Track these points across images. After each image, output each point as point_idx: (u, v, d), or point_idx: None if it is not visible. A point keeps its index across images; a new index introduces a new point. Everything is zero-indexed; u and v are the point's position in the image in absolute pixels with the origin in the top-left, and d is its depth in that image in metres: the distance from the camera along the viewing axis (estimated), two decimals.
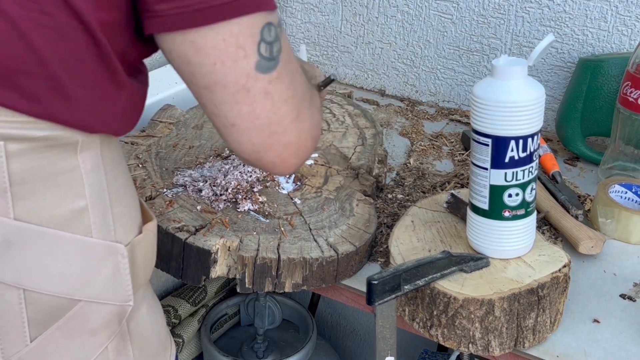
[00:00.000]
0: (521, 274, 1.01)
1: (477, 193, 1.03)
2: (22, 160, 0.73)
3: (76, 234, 0.78)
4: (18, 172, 0.73)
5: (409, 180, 1.39)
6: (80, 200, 0.77)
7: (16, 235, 0.75)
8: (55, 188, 0.76)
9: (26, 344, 0.78)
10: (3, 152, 0.72)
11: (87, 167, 0.77)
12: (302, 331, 1.75)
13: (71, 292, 0.79)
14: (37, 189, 0.75)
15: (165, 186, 1.22)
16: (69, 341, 0.80)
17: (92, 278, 0.80)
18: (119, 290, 0.82)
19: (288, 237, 1.12)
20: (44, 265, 0.77)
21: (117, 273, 0.81)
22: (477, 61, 1.67)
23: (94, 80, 0.74)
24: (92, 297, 0.80)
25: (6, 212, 0.74)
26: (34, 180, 0.74)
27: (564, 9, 1.53)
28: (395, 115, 1.69)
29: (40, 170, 0.74)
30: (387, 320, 0.96)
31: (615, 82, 1.41)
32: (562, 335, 1.04)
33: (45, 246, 0.76)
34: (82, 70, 0.72)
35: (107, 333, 0.82)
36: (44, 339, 0.79)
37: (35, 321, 0.78)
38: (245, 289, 1.09)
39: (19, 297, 0.77)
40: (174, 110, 1.47)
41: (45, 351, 0.79)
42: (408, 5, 1.71)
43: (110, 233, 0.81)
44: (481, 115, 0.98)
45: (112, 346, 0.83)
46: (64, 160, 0.76)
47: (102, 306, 0.81)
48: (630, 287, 1.13)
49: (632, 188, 1.27)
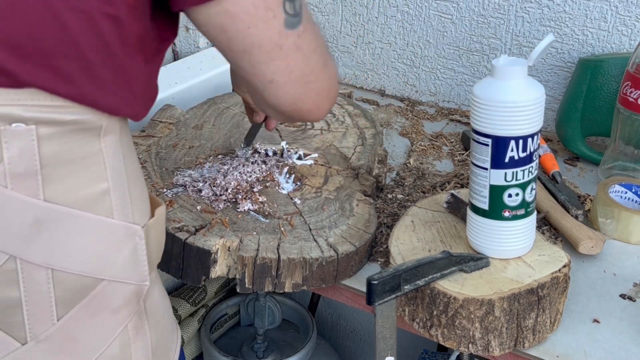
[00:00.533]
0: (521, 274, 1.01)
1: (477, 193, 1.03)
2: (52, 144, 0.76)
3: (100, 215, 0.81)
4: (48, 155, 0.76)
5: (409, 180, 1.39)
6: (103, 182, 0.81)
7: (46, 216, 0.78)
8: (81, 171, 0.79)
9: (53, 322, 0.81)
10: (35, 136, 0.75)
11: (109, 151, 0.81)
12: (302, 331, 1.75)
13: (95, 271, 0.82)
14: (65, 172, 0.78)
15: (165, 186, 1.22)
16: (93, 319, 0.83)
17: (114, 258, 0.83)
18: (137, 270, 0.85)
19: (288, 237, 1.12)
20: (71, 245, 0.80)
21: (135, 253, 0.85)
22: (477, 61, 1.67)
23: (119, 63, 0.77)
24: (114, 277, 0.83)
25: (37, 193, 0.77)
26: (62, 163, 0.77)
27: (564, 9, 1.53)
28: (395, 115, 1.69)
29: (68, 153, 0.78)
30: (387, 320, 0.96)
31: (615, 82, 1.41)
32: (562, 335, 1.04)
33: (72, 227, 0.79)
34: (108, 53, 0.76)
35: (127, 311, 0.86)
36: (70, 317, 0.82)
37: (62, 300, 0.81)
38: (245, 289, 1.09)
39: (47, 276, 0.79)
40: (174, 110, 1.47)
41: (71, 329, 0.82)
42: (408, 5, 1.71)
43: (129, 215, 0.84)
44: (481, 115, 0.98)
45: (131, 324, 0.87)
46: (89, 145, 0.79)
47: (123, 285, 0.84)
48: (630, 287, 1.13)
49: (632, 188, 1.27)
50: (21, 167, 0.75)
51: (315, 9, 1.83)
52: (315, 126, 1.45)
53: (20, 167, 0.75)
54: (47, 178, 0.77)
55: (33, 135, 0.75)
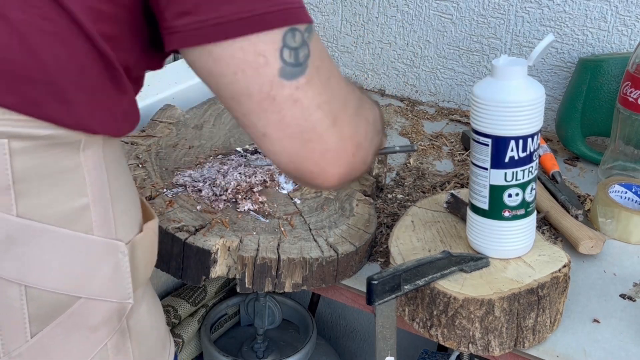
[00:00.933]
0: (521, 274, 1.01)
1: (477, 193, 1.03)
2: (26, 158, 0.74)
3: (78, 232, 0.78)
4: (21, 169, 0.74)
5: (409, 180, 1.39)
6: (82, 198, 0.78)
7: (19, 232, 0.75)
8: (58, 186, 0.76)
9: (27, 339, 0.79)
10: (7, 150, 0.72)
11: (90, 165, 0.78)
12: (302, 331, 1.75)
13: (72, 288, 0.79)
14: (40, 187, 0.75)
15: (165, 186, 1.22)
16: (69, 337, 0.80)
17: (93, 275, 0.80)
18: (119, 288, 0.83)
19: (288, 237, 1.12)
20: (46, 261, 0.77)
21: (118, 270, 0.82)
22: (477, 61, 1.67)
23: (96, 86, 0.74)
24: (92, 294, 0.80)
25: (9, 209, 0.74)
26: (37, 177, 0.75)
27: (564, 9, 1.53)
28: (395, 115, 1.69)
29: (44, 168, 0.75)
30: (387, 320, 0.96)
31: (615, 82, 1.41)
32: (562, 335, 1.04)
33: (47, 243, 0.77)
34: (83, 76, 0.72)
35: (107, 330, 0.83)
36: (45, 335, 0.79)
37: (36, 317, 0.78)
38: (245, 289, 1.09)
39: (20, 293, 0.77)
40: (174, 110, 1.47)
41: (45, 347, 0.80)
42: (408, 5, 1.71)
43: (111, 231, 0.81)
44: (481, 115, 0.98)
45: (111, 343, 0.84)
46: (67, 159, 0.76)
47: (103, 303, 0.82)
48: (630, 287, 1.13)
49: (632, 188, 1.27)
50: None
51: (315, 9, 1.83)
52: None
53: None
54: (21, 193, 0.74)
55: (5, 149, 0.72)
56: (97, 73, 0.73)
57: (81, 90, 0.73)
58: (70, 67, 0.71)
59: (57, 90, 0.72)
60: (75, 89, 0.72)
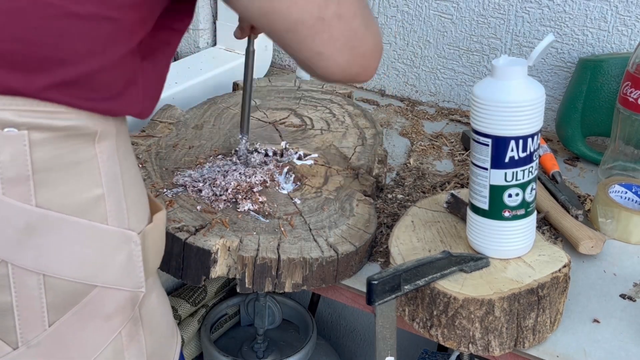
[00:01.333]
0: (521, 274, 1.01)
1: (477, 193, 1.03)
2: (45, 149, 0.76)
3: (94, 222, 0.80)
4: (41, 160, 0.76)
5: (409, 180, 1.39)
6: (97, 188, 0.80)
7: (38, 221, 0.77)
8: (75, 176, 0.78)
9: (45, 328, 0.81)
10: (27, 141, 0.74)
11: (104, 157, 0.80)
12: (302, 331, 1.75)
13: (88, 277, 0.81)
14: (58, 177, 0.77)
15: (165, 186, 1.22)
16: (85, 326, 0.82)
17: (108, 264, 0.82)
18: (132, 277, 0.85)
19: (288, 237, 1.12)
20: (64, 251, 0.79)
21: (131, 260, 0.84)
22: (477, 61, 1.67)
23: (123, 66, 0.77)
24: (107, 283, 0.82)
25: (28, 199, 0.76)
26: (55, 168, 0.77)
27: (564, 9, 1.53)
28: (395, 115, 1.69)
29: (62, 158, 0.77)
30: (387, 320, 0.96)
31: (615, 82, 1.41)
32: (562, 335, 1.04)
33: (65, 233, 0.79)
34: (111, 56, 0.75)
35: (121, 318, 0.85)
36: (62, 323, 0.81)
37: (53, 306, 0.80)
38: (245, 289, 1.09)
39: (39, 282, 0.79)
40: (174, 110, 1.47)
41: (62, 335, 0.82)
42: (408, 5, 1.71)
43: (124, 221, 0.83)
44: (481, 115, 0.98)
45: (125, 331, 0.86)
46: (83, 150, 0.78)
47: (117, 292, 0.84)
48: (630, 287, 1.13)
49: (632, 188, 1.27)
50: (12, 172, 0.75)
51: None
52: (315, 126, 1.45)
53: (12, 171, 0.75)
54: (40, 183, 0.76)
55: (25, 141, 0.74)
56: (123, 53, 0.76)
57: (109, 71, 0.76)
58: (96, 49, 0.74)
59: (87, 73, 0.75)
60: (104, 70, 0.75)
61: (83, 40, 0.73)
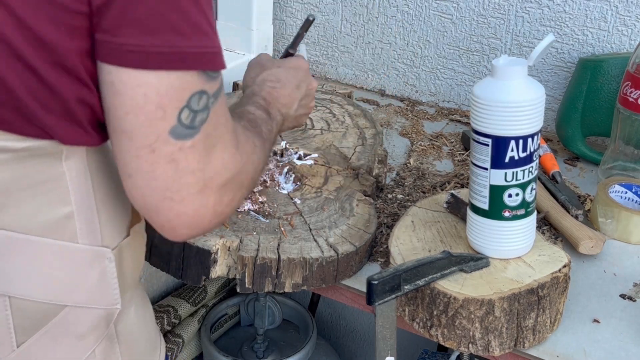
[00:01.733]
0: (521, 274, 1.01)
1: (477, 193, 1.03)
2: (6, 170, 0.73)
3: (62, 241, 0.78)
4: (2, 182, 0.73)
5: (409, 180, 1.39)
6: (65, 206, 0.77)
7: (1, 244, 0.75)
8: (41, 195, 0.76)
9: (13, 349, 0.79)
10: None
11: (73, 174, 0.77)
12: (302, 331, 1.75)
13: (57, 297, 0.79)
14: (21, 198, 0.75)
15: None
16: (56, 345, 0.80)
17: (78, 283, 0.80)
18: (106, 294, 0.82)
19: (288, 237, 1.12)
20: (29, 272, 0.77)
21: (104, 277, 0.82)
22: (477, 61, 1.67)
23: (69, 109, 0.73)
24: (78, 302, 0.80)
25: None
26: (17, 189, 0.74)
27: (564, 9, 1.53)
28: (395, 115, 1.69)
29: (24, 179, 0.74)
30: (387, 320, 0.96)
31: (615, 82, 1.41)
32: (562, 335, 1.04)
33: (29, 254, 0.76)
34: (55, 100, 0.72)
35: (95, 337, 0.83)
36: (31, 344, 0.79)
37: (21, 327, 0.78)
38: (245, 289, 1.09)
39: (4, 304, 0.77)
40: None
41: (32, 355, 0.80)
42: (408, 5, 1.71)
43: (97, 238, 0.80)
44: (481, 115, 0.98)
45: (99, 349, 0.84)
46: (49, 168, 0.75)
47: (89, 310, 0.81)
48: (630, 287, 1.13)
49: (632, 188, 1.27)
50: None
51: (315, 9, 1.83)
52: (315, 126, 1.44)
53: None
54: (2, 205, 0.74)
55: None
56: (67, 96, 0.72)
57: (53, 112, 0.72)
58: (41, 92, 0.70)
59: (26, 113, 0.71)
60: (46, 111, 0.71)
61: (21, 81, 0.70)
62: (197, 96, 0.71)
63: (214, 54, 0.72)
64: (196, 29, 0.70)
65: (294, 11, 1.87)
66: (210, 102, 0.73)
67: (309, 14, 1.07)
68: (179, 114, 0.70)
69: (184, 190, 0.72)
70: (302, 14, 1.85)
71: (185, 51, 0.69)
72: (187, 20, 0.69)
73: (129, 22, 0.67)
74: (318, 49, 1.87)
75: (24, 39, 0.68)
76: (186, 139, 0.71)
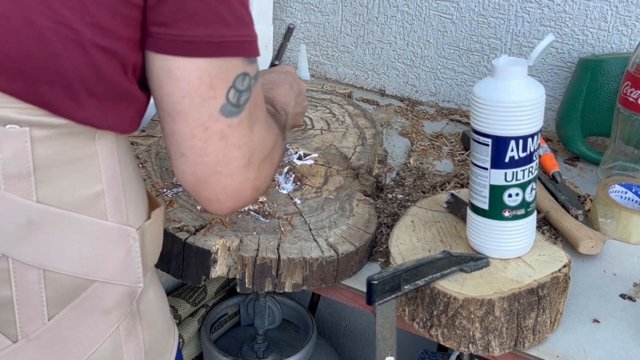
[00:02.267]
0: (521, 274, 1.01)
1: (477, 193, 1.03)
2: (46, 146, 0.77)
3: (93, 217, 0.81)
4: (42, 156, 0.77)
5: (409, 180, 1.39)
6: (97, 184, 0.81)
7: (39, 217, 0.78)
8: (75, 173, 0.80)
9: (44, 322, 0.82)
10: (28, 138, 0.76)
11: (104, 153, 0.81)
12: (302, 331, 1.75)
13: (87, 272, 0.82)
14: (59, 173, 0.79)
15: (165, 186, 1.22)
16: (83, 320, 0.84)
17: (107, 259, 0.84)
18: (130, 272, 0.86)
19: (288, 237, 1.12)
20: (63, 246, 0.80)
21: (129, 255, 0.85)
22: (477, 61, 1.67)
23: (109, 93, 0.78)
24: (106, 278, 0.84)
25: (29, 195, 0.77)
26: (56, 164, 0.78)
27: (564, 9, 1.53)
28: (395, 115, 1.69)
29: (62, 155, 0.78)
30: (387, 320, 0.96)
31: (615, 82, 1.41)
32: (562, 335, 1.04)
33: (65, 228, 0.80)
34: (99, 84, 0.76)
35: (119, 313, 0.86)
36: (61, 317, 0.83)
37: (53, 300, 0.82)
38: (245, 289, 1.09)
39: (39, 276, 0.80)
40: None
41: (61, 329, 0.83)
42: (408, 5, 1.71)
43: (123, 217, 0.84)
44: (481, 115, 0.98)
45: (123, 326, 0.87)
46: (83, 147, 0.80)
47: (115, 287, 0.85)
48: (630, 287, 1.13)
49: (632, 188, 1.27)
50: (15, 169, 0.76)
51: (315, 9, 1.83)
52: (315, 126, 1.45)
53: (14, 168, 0.76)
54: (41, 179, 0.78)
55: (27, 137, 0.76)
56: (111, 80, 0.77)
57: (95, 97, 0.77)
58: (89, 75, 0.75)
59: (73, 96, 0.76)
60: (89, 93, 0.76)
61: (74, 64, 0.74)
62: (241, 77, 0.79)
63: (253, 42, 0.80)
64: (239, 20, 0.78)
65: (294, 11, 1.87)
66: (251, 83, 0.81)
67: (289, 23, 1.12)
68: (227, 94, 0.78)
69: (232, 163, 0.81)
70: (302, 14, 1.86)
71: (231, 40, 0.77)
72: (232, 13, 0.77)
73: (184, 16, 0.75)
74: (318, 49, 1.87)
75: (84, 23, 0.73)
76: (233, 116, 0.79)
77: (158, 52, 0.76)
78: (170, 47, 0.76)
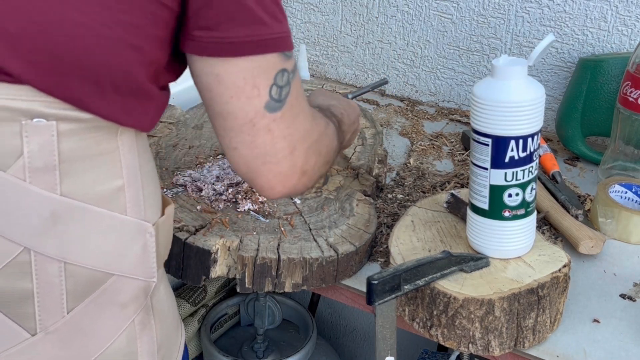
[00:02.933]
0: (521, 274, 1.01)
1: (477, 193, 1.03)
2: (71, 140, 0.78)
3: (114, 212, 0.83)
4: (67, 150, 0.78)
5: (409, 180, 1.39)
6: (118, 179, 0.83)
7: (62, 210, 0.79)
8: (98, 167, 0.81)
9: (63, 315, 0.83)
10: (55, 131, 0.77)
11: (125, 149, 0.83)
12: (302, 331, 1.75)
13: (106, 266, 0.84)
14: (82, 168, 0.80)
15: (165, 186, 1.22)
16: (101, 313, 0.85)
17: (125, 253, 0.85)
18: (145, 266, 0.88)
19: (288, 237, 1.12)
20: (85, 239, 0.82)
21: (145, 250, 0.87)
22: (477, 61, 1.67)
23: (134, 91, 0.80)
24: (123, 272, 0.85)
25: (54, 188, 0.79)
26: (80, 158, 0.80)
27: (564, 9, 1.53)
28: (395, 115, 1.69)
29: (86, 149, 0.80)
30: (387, 320, 0.96)
31: (615, 82, 1.41)
32: (562, 335, 1.04)
33: (87, 222, 0.81)
34: (126, 81, 0.79)
35: (135, 306, 0.88)
36: (80, 310, 0.84)
37: (72, 293, 0.83)
38: (245, 289, 1.09)
39: (60, 269, 0.81)
40: (174, 110, 1.47)
41: (79, 322, 0.84)
42: (408, 5, 1.71)
43: (141, 212, 0.86)
44: (481, 115, 0.98)
45: (138, 319, 0.89)
46: (106, 142, 0.81)
47: (132, 281, 0.86)
48: (630, 287, 1.13)
49: (632, 188, 1.27)
50: (40, 162, 0.77)
51: (315, 9, 1.83)
52: None
53: (40, 161, 0.77)
54: (65, 173, 0.79)
55: (53, 131, 0.77)
56: (136, 79, 0.79)
57: (119, 92, 0.79)
58: (118, 73, 0.77)
59: (100, 92, 0.78)
60: (115, 90, 0.78)
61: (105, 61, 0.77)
62: (280, 74, 0.84)
63: (287, 37, 0.85)
64: (274, 18, 0.83)
65: (294, 11, 1.87)
66: (290, 78, 0.86)
67: (384, 77, 1.31)
68: (269, 91, 0.84)
69: (280, 153, 0.87)
70: (302, 14, 1.86)
71: (268, 38, 0.82)
72: (267, 12, 0.82)
73: (225, 19, 0.80)
74: (318, 48, 1.87)
75: (117, 20, 0.76)
76: (277, 111, 0.85)
77: (203, 55, 0.81)
78: (216, 49, 0.80)
